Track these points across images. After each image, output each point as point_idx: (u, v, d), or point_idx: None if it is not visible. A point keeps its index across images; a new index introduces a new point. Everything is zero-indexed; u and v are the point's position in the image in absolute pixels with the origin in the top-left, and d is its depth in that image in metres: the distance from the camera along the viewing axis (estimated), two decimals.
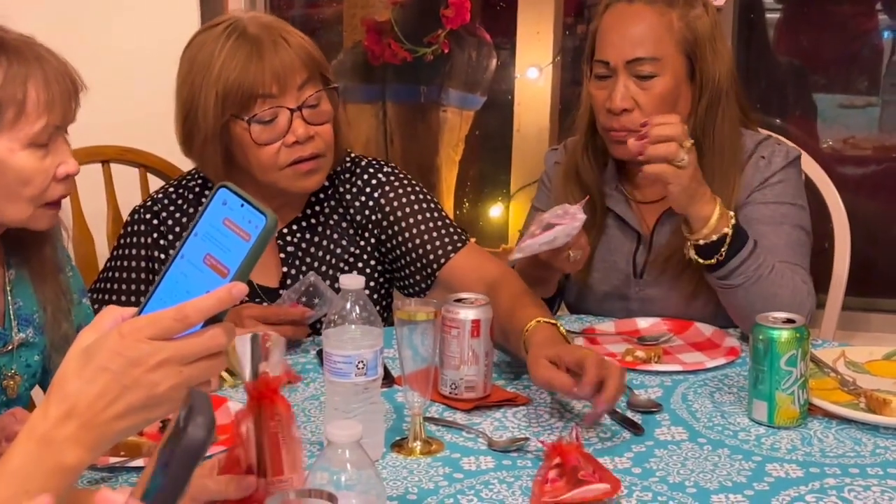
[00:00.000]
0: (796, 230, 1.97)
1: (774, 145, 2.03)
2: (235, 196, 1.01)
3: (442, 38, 3.23)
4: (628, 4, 1.96)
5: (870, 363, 1.77)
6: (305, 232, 2.01)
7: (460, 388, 1.68)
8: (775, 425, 1.58)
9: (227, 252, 1.00)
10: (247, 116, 1.86)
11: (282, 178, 1.91)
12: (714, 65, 1.96)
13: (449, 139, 3.37)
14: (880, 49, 3.28)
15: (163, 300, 1.02)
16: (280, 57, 1.85)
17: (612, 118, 1.96)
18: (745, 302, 1.84)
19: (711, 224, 1.81)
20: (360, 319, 1.49)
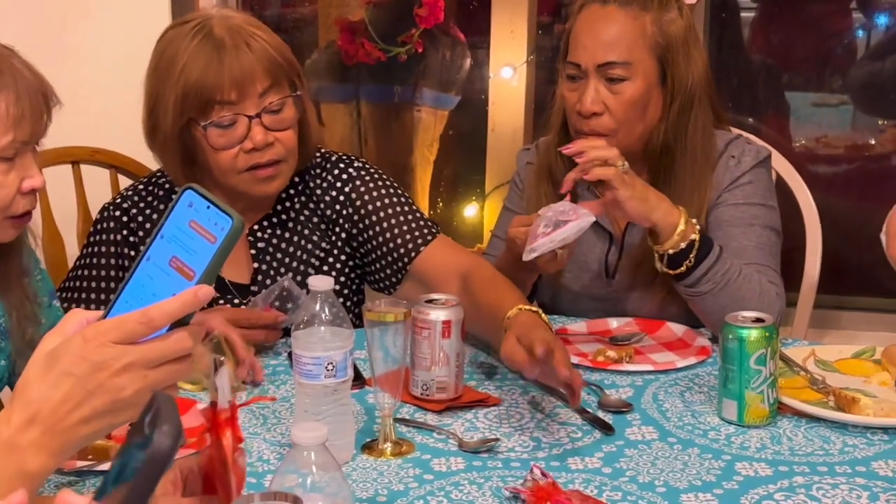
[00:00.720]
0: (766, 231, 1.97)
1: (744, 145, 2.04)
2: (201, 198, 1.01)
3: (416, 38, 3.23)
4: (602, 7, 1.96)
5: (839, 362, 1.78)
6: (276, 228, 2.00)
7: (431, 389, 1.68)
8: (745, 424, 1.58)
9: (193, 254, 1.00)
10: (204, 122, 1.85)
11: (240, 182, 1.90)
12: (687, 70, 1.96)
13: (423, 139, 3.38)
14: (854, 48, 3.30)
15: (128, 303, 1.02)
16: (241, 62, 1.83)
17: (582, 121, 1.96)
18: (713, 308, 1.84)
19: (680, 230, 1.80)
20: (330, 321, 1.49)
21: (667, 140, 1.97)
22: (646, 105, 1.96)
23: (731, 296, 1.82)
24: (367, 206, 2.00)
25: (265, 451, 1.54)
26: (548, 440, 1.56)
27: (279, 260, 2.00)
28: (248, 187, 1.91)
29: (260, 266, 1.99)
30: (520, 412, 1.66)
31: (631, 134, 1.97)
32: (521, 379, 1.78)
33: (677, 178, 1.95)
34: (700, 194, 1.96)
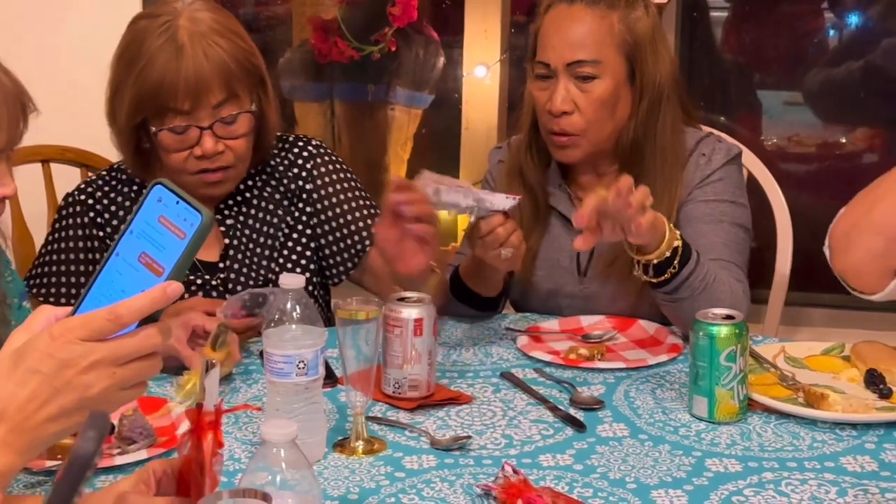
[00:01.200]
0: (735, 228, 1.98)
1: (715, 143, 2.04)
2: (171, 193, 1.00)
3: (389, 37, 3.23)
4: (569, 6, 1.97)
5: (809, 358, 1.79)
6: (241, 206, 2.03)
7: (403, 387, 1.68)
8: (715, 421, 1.59)
9: (163, 250, 1.00)
10: (156, 128, 1.89)
11: (189, 182, 1.93)
12: (655, 67, 1.97)
13: (397, 137, 3.37)
14: (826, 47, 3.32)
15: (97, 300, 1.01)
16: (196, 73, 1.84)
17: (552, 120, 1.97)
18: (689, 312, 1.80)
19: (667, 240, 1.75)
20: (301, 319, 1.49)
21: (636, 138, 1.97)
22: (615, 103, 1.96)
23: (707, 300, 1.80)
24: (327, 188, 2.05)
25: (236, 450, 1.54)
26: (519, 437, 1.57)
27: (248, 236, 2.02)
28: (196, 189, 1.93)
29: (231, 242, 2.00)
30: (491, 410, 1.66)
31: (601, 132, 1.98)
32: (494, 377, 1.78)
33: (647, 176, 1.96)
34: (671, 192, 1.96)
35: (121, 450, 1.51)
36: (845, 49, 3.28)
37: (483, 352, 1.90)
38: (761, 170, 2.34)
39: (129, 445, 1.51)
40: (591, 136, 1.97)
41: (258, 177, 2.05)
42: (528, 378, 1.78)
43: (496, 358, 1.87)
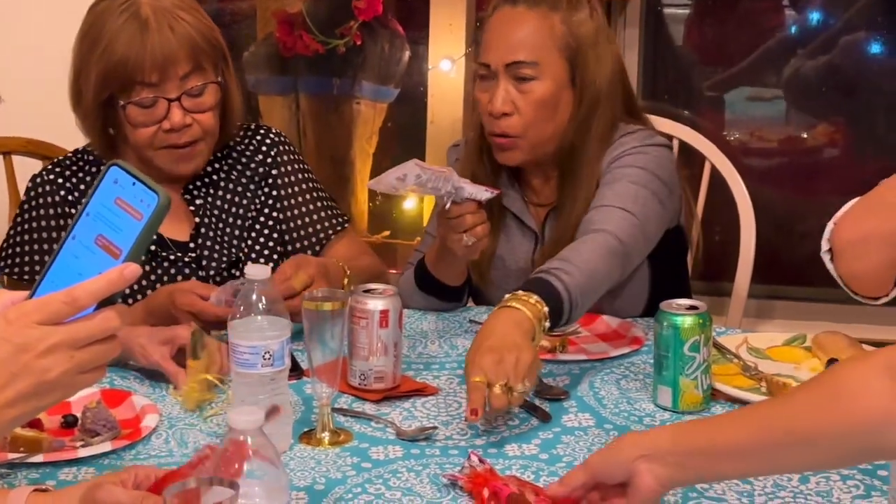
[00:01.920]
0: (634, 185, 1.90)
1: (637, 133, 1.99)
2: (127, 174, 1.00)
3: (354, 30, 3.23)
4: (511, 8, 1.96)
5: (771, 349, 1.81)
6: (209, 187, 2.04)
7: (369, 378, 1.68)
8: (679, 410, 1.60)
9: (120, 232, 0.99)
10: (124, 101, 1.89)
11: (156, 157, 1.94)
12: (596, 70, 1.95)
13: (362, 131, 3.37)
14: (787, 44, 3.35)
15: (54, 283, 1.00)
16: (162, 45, 1.86)
17: (493, 122, 1.96)
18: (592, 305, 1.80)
19: (539, 325, 1.62)
20: (267, 310, 1.48)
21: (574, 141, 1.96)
22: (555, 105, 1.95)
23: (594, 297, 1.76)
24: (289, 176, 2.09)
25: (201, 442, 1.53)
26: (485, 428, 1.57)
27: (217, 216, 2.02)
28: (164, 164, 1.94)
29: (202, 220, 2.01)
30: (457, 401, 1.67)
31: (541, 134, 1.96)
32: (459, 368, 1.79)
33: (577, 180, 1.95)
34: (588, 190, 1.94)
35: (84, 442, 1.50)
36: (807, 45, 3.32)
37: (448, 344, 1.91)
38: (725, 164, 2.36)
39: (92, 438, 1.51)
40: (531, 138, 1.96)
41: (225, 161, 2.06)
42: None
43: (461, 349, 1.88)
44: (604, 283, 1.77)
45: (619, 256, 1.80)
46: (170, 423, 1.58)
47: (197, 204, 2.01)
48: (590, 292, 1.74)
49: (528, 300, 1.62)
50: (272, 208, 2.07)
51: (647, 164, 1.94)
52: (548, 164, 2.03)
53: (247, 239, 2.04)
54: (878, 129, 3.24)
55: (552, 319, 1.64)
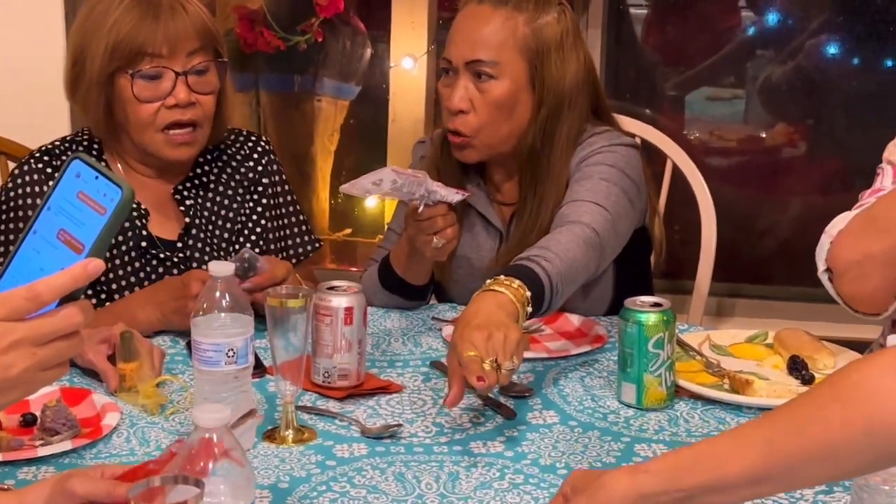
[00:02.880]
0: (605, 182, 1.90)
1: (606, 133, 1.98)
2: (89, 168, 0.98)
3: (315, 27, 3.21)
4: (477, 5, 1.95)
5: (733, 346, 1.82)
6: (199, 189, 2.04)
7: (333, 376, 1.67)
8: (643, 407, 1.61)
9: (82, 227, 0.97)
10: (132, 70, 1.89)
11: (155, 140, 1.93)
12: (559, 73, 1.93)
13: (324, 129, 3.36)
14: (745, 44, 3.38)
15: (14, 279, 0.98)
16: (175, 22, 1.90)
17: (450, 118, 1.95)
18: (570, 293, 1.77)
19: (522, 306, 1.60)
20: (230, 307, 1.47)
21: (534, 143, 1.94)
22: (513, 106, 1.94)
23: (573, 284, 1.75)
24: (278, 186, 2.11)
25: (163, 440, 1.51)
26: (450, 425, 1.57)
27: (207, 217, 2.02)
28: (160, 148, 1.94)
29: (192, 221, 2.00)
30: (422, 398, 1.66)
31: (495, 134, 1.95)
32: (423, 366, 1.78)
33: (541, 181, 1.95)
34: (558, 191, 1.94)
35: (44, 441, 1.48)
36: (766, 46, 3.35)
37: (412, 341, 1.90)
38: (686, 163, 2.37)
39: (52, 437, 1.48)
40: (485, 138, 1.95)
41: (215, 163, 2.07)
42: None
43: (425, 347, 1.87)
44: (581, 273, 1.76)
45: (596, 248, 1.80)
46: (131, 422, 1.57)
47: (187, 204, 2.01)
48: (569, 281, 1.73)
49: (510, 284, 1.61)
50: (259, 216, 2.08)
51: (617, 163, 1.94)
52: (509, 163, 2.03)
53: (234, 243, 2.04)
54: (836, 129, 3.27)
55: (534, 305, 1.63)
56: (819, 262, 1.71)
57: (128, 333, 1.64)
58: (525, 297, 1.61)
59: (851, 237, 1.66)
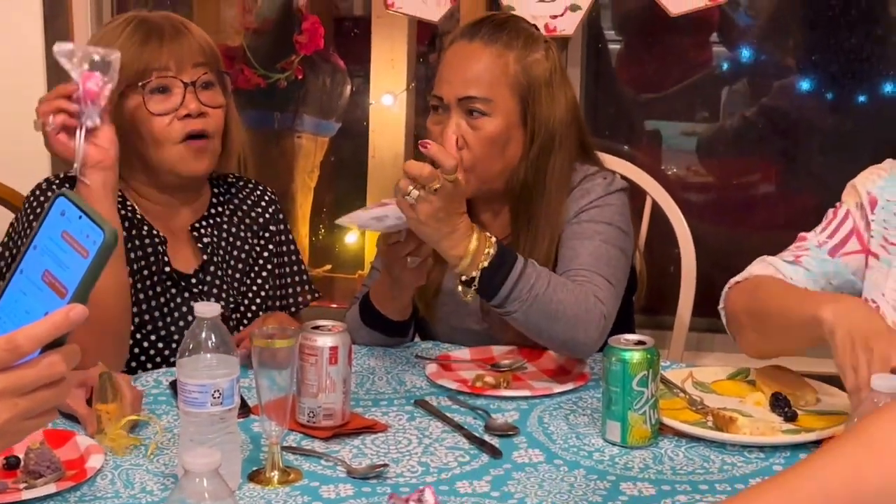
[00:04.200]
0: (607, 245, 1.94)
1: (598, 179, 2.02)
2: (74, 206, 0.96)
3: (295, 65, 3.23)
4: (468, 42, 1.98)
5: (716, 383, 1.83)
6: (213, 228, 2.06)
7: (318, 416, 1.66)
8: (628, 445, 1.62)
9: (66, 269, 0.95)
10: (142, 82, 1.92)
11: (173, 154, 1.95)
12: (549, 110, 1.96)
13: (304, 165, 3.36)
14: (720, 79, 3.41)
15: (1, 321, 0.97)
16: (180, 42, 1.94)
17: None
18: (528, 324, 1.82)
19: (466, 262, 1.77)
20: (216, 348, 1.47)
21: (526, 179, 1.96)
22: (505, 143, 1.96)
23: (542, 310, 1.79)
24: (283, 234, 2.15)
25: (148, 482, 1.50)
26: (436, 465, 1.57)
27: (221, 256, 2.05)
28: (179, 162, 1.96)
29: (209, 258, 2.02)
30: (407, 437, 1.66)
31: (489, 170, 1.97)
32: (408, 405, 1.78)
33: (534, 218, 1.97)
34: (552, 230, 1.96)
35: (27, 484, 1.47)
36: (737, 81, 3.39)
37: (396, 380, 1.90)
38: (664, 198, 2.39)
39: (36, 479, 1.47)
40: (479, 174, 1.96)
41: (227, 205, 2.10)
42: (442, 405, 1.78)
43: (409, 386, 1.87)
44: (560, 317, 1.77)
45: (594, 324, 1.83)
46: (115, 464, 1.56)
47: (205, 241, 2.03)
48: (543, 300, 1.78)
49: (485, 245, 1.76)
50: (266, 260, 2.11)
51: (614, 219, 1.97)
52: (497, 199, 2.04)
53: (247, 282, 2.07)
54: (811, 165, 3.31)
55: (494, 261, 1.75)
56: (721, 297, 1.89)
57: (106, 374, 1.64)
58: (490, 241, 1.77)
59: (740, 294, 1.85)
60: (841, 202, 1.88)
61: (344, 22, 3.51)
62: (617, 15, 3.38)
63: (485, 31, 1.98)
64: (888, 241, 1.80)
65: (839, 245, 1.84)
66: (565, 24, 2.56)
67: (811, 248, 1.86)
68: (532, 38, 2.00)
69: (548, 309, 1.80)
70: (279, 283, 2.13)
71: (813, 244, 1.86)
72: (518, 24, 2.03)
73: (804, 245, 1.87)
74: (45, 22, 2.68)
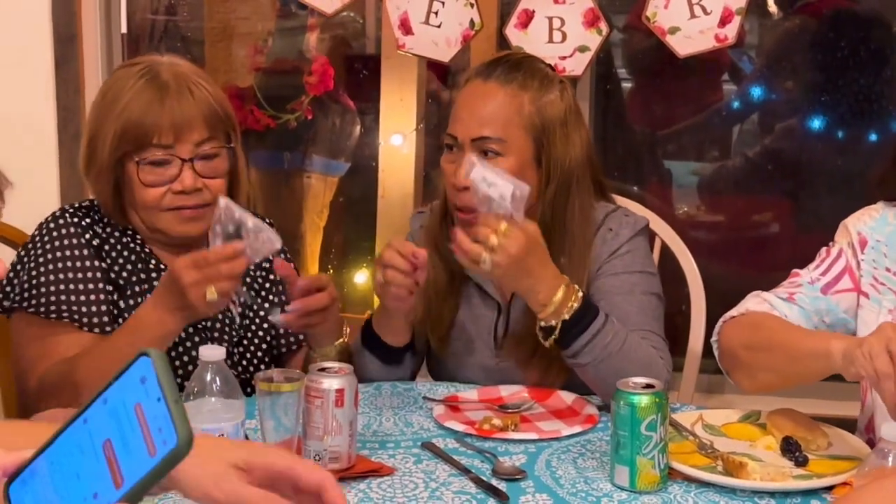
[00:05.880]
0: (647, 296, 1.99)
1: (622, 217, 2.04)
2: (156, 380, 0.83)
3: (305, 105, 3.24)
4: (483, 82, 1.98)
5: (726, 426, 1.82)
6: None
7: (324, 459, 1.65)
8: (637, 490, 1.60)
9: (128, 453, 0.82)
10: (138, 157, 1.90)
11: (162, 219, 1.94)
12: (564, 150, 1.97)
13: (313, 205, 3.37)
14: (730, 118, 3.42)
15: (52, 464, 0.86)
16: (181, 108, 1.90)
17: (456, 194, 1.96)
18: (596, 378, 1.86)
19: (549, 311, 1.82)
20: (221, 392, 1.46)
21: (543, 220, 1.96)
22: None
23: (613, 367, 1.82)
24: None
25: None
26: None
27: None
28: (170, 226, 1.94)
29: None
30: (414, 482, 1.65)
31: None
32: (415, 447, 1.77)
33: (554, 256, 1.97)
34: (579, 271, 1.96)
35: None
36: (748, 120, 3.39)
37: (404, 421, 1.89)
38: (673, 238, 2.38)
39: None
40: None
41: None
42: (449, 448, 1.77)
43: (416, 427, 1.86)
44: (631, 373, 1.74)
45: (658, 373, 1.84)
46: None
47: None
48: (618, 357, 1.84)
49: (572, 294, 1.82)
50: (269, 292, 2.10)
51: (645, 265, 2.03)
52: None
53: (258, 310, 2.06)
54: (821, 205, 3.30)
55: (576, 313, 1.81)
56: (714, 331, 1.91)
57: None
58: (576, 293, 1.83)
59: (736, 329, 1.87)
60: (834, 241, 1.90)
61: (354, 61, 3.53)
62: (626, 54, 3.39)
63: (500, 70, 1.98)
64: (878, 280, 1.83)
65: (832, 283, 1.86)
66: (574, 64, 2.57)
67: (804, 284, 1.88)
68: (547, 78, 2.00)
69: (618, 367, 1.81)
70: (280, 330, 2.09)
71: (805, 281, 1.88)
72: (533, 64, 2.03)
73: (797, 281, 1.89)
74: (56, 67, 2.70)
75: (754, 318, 1.85)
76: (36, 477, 0.86)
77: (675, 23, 2.50)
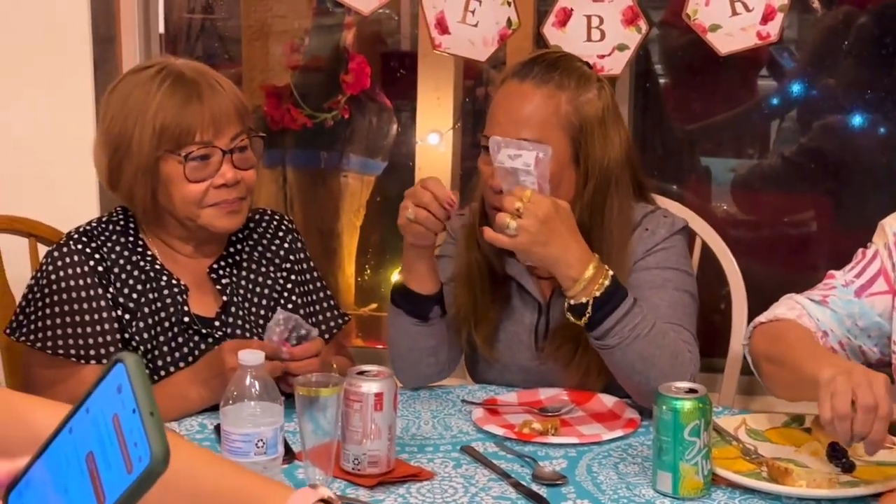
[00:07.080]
0: (679, 293, 1.96)
1: (660, 218, 2.02)
2: (130, 390, 0.78)
3: (342, 104, 3.23)
4: (519, 83, 1.96)
5: (770, 431, 1.79)
6: (232, 268, 2.05)
7: (363, 463, 1.64)
8: (680, 496, 1.58)
9: (109, 469, 0.78)
10: (183, 153, 1.90)
11: (205, 214, 1.95)
12: (603, 151, 1.95)
13: (350, 205, 3.36)
14: (769, 114, 3.37)
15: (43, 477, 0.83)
16: (218, 101, 1.92)
17: (493, 196, 1.95)
18: (622, 362, 1.83)
19: (578, 287, 1.81)
20: (260, 396, 1.46)
21: (582, 220, 1.93)
22: (557, 183, 1.92)
23: (640, 352, 1.81)
24: (304, 263, 2.13)
25: None
26: None
27: (243, 295, 2.03)
28: (212, 220, 1.95)
29: (230, 299, 2.01)
30: (453, 486, 1.64)
31: None
32: (454, 451, 1.76)
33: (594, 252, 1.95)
34: (619, 272, 1.93)
35: None
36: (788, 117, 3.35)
37: (443, 424, 1.88)
38: (713, 237, 2.35)
39: None
40: None
41: (245, 242, 2.09)
42: (488, 452, 1.76)
43: (455, 431, 1.85)
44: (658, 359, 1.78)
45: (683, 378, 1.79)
46: None
47: (223, 283, 2.02)
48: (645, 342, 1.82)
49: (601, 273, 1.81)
50: (290, 292, 2.09)
51: (680, 263, 2.01)
52: None
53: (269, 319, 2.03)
54: (865, 203, 3.25)
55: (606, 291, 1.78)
56: (744, 335, 1.91)
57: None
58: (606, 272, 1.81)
59: (761, 338, 1.86)
60: (871, 242, 1.86)
61: (390, 59, 3.51)
62: (663, 51, 3.35)
63: (537, 70, 1.96)
64: None
65: (866, 285, 1.83)
66: (612, 63, 2.54)
67: (837, 286, 1.85)
68: (585, 77, 1.98)
69: (645, 352, 1.80)
70: (308, 312, 2.08)
71: (840, 283, 1.86)
72: (571, 63, 2.00)
73: (831, 283, 1.87)
74: (95, 68, 2.71)
75: (779, 329, 1.83)
76: (31, 487, 0.84)
77: (715, 20, 2.46)
